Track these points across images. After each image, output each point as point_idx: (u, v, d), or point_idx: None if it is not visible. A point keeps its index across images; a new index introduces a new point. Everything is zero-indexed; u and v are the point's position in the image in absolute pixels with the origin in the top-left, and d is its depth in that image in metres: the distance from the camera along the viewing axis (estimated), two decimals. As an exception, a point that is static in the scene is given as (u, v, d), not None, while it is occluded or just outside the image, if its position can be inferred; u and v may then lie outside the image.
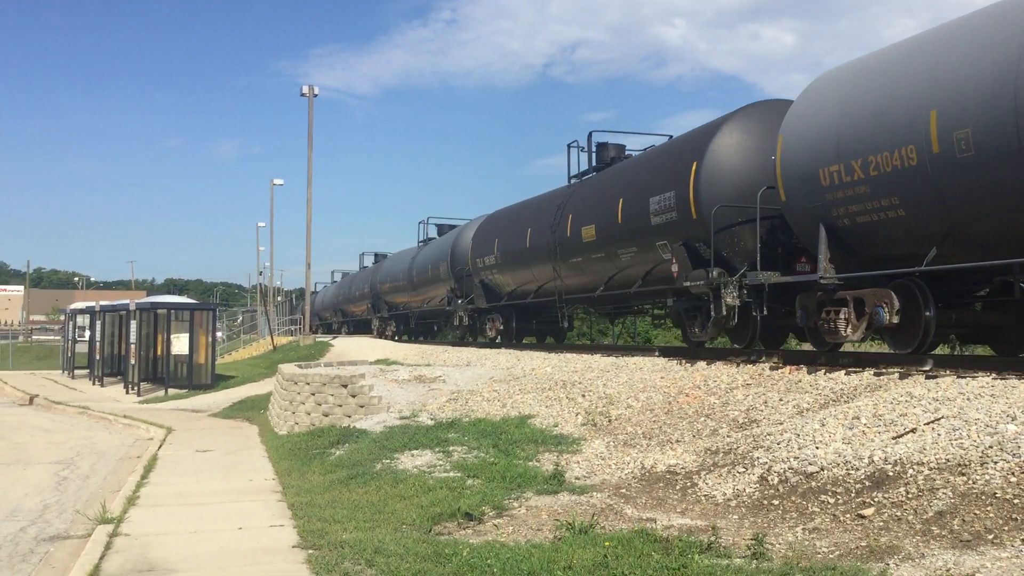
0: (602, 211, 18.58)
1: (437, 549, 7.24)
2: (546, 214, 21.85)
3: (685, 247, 15.32)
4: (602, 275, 18.94)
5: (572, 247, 19.98)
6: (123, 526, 8.94)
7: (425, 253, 33.81)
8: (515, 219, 24.65)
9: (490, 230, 26.34)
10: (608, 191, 18.79)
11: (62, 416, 24.35)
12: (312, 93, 41.22)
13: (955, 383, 9.50)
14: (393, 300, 39.04)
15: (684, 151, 15.83)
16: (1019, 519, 6.33)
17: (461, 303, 27.98)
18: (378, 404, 15.74)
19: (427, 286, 32.51)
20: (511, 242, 23.98)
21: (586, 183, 21.06)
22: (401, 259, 38.19)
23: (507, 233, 24.60)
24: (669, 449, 10.65)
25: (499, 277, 25.03)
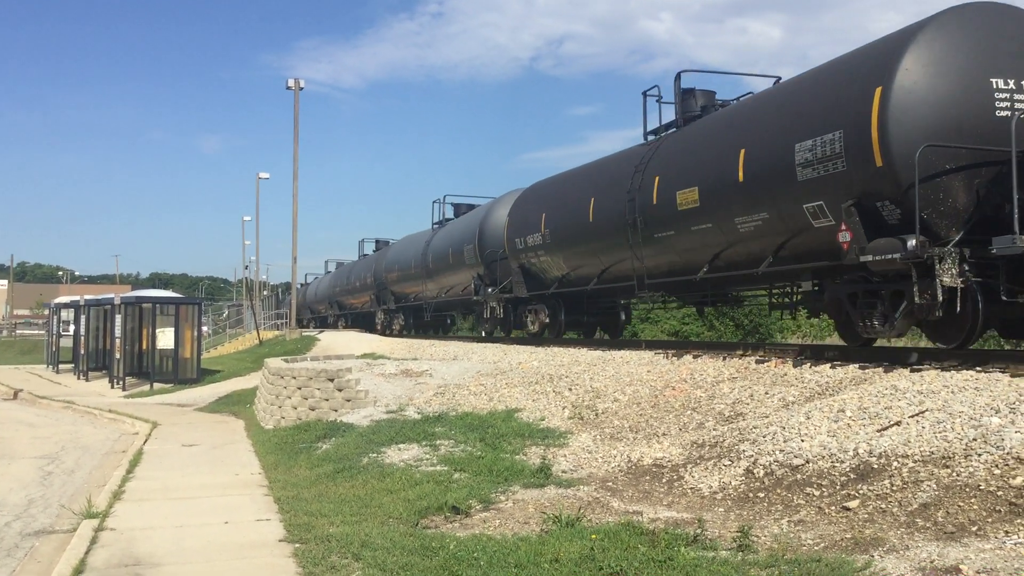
0: (709, 168, 14.29)
1: (424, 543, 7.24)
2: (618, 179, 17.46)
3: (858, 208, 11.33)
4: (705, 252, 14.87)
5: (660, 218, 15.63)
6: (108, 520, 8.92)
7: (443, 236, 29.65)
8: (570, 188, 20.38)
9: (534, 204, 22.05)
10: (717, 142, 14.48)
11: (47, 411, 24.24)
12: (298, 86, 41.02)
13: (939, 376, 9.56)
14: (402, 290, 34.57)
15: (857, 74, 11.56)
16: (1002, 511, 6.38)
17: (492, 292, 24.10)
18: (365, 398, 15.72)
19: (446, 273, 28.67)
20: (565, 216, 19.87)
21: (678, 136, 16.44)
22: (412, 244, 33.75)
23: (559, 206, 20.43)
24: (656, 442, 10.68)
25: (546, 260, 20.88)
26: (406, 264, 33.35)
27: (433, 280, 30.05)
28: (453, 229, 29.05)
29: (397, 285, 34.84)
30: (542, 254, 20.98)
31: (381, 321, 37.59)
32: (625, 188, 16.93)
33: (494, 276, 24.30)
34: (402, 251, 34.94)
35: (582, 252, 19.37)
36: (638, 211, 16.34)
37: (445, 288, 29.31)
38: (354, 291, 43.81)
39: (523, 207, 22.62)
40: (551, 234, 20.40)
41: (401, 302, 35.01)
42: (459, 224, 28.96)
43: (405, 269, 33.34)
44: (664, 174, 15.82)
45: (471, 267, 26.06)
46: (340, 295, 47.55)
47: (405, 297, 34.40)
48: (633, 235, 16.65)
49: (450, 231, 29.27)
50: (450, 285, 28.69)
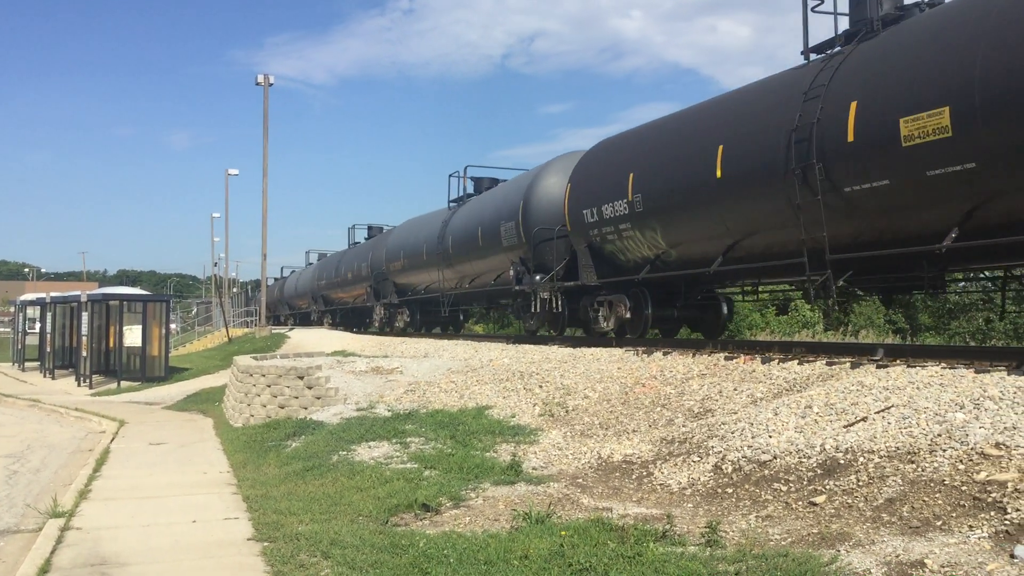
0: (969, 76, 9.89)
1: (394, 540, 7.23)
2: (768, 115, 13.14)
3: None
4: (953, 206, 10.50)
5: (861, 160, 11.28)
6: (75, 520, 8.83)
7: (468, 214, 25.15)
8: (676, 137, 15.50)
9: (614, 163, 17.23)
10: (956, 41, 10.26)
11: (12, 409, 23.93)
12: (267, 82, 40.79)
13: (905, 372, 9.66)
14: (408, 281, 30.26)
15: None
16: (967, 506, 6.46)
17: (542, 280, 19.66)
18: (335, 396, 15.66)
19: (472, 258, 24.24)
20: (669, 175, 15.08)
21: (879, 43, 11.86)
22: (422, 227, 29.29)
23: (658, 162, 15.63)
24: (625, 439, 10.72)
25: (632, 236, 16.34)
26: (414, 250, 28.91)
27: (452, 268, 25.74)
28: (482, 205, 24.28)
29: (402, 275, 30.58)
30: (627, 228, 16.43)
31: (380, 317, 33.32)
32: (784, 125, 12.50)
33: (542, 260, 20.02)
34: (409, 235, 30.33)
35: (696, 221, 14.59)
36: (816, 154, 11.80)
37: (469, 277, 24.99)
38: (344, 284, 39.46)
39: (593, 169, 18.08)
40: (643, 200, 15.72)
41: (406, 295, 30.84)
42: (491, 199, 24.12)
43: (413, 256, 28.93)
44: (869, 94, 11.26)
45: (510, 250, 21.48)
46: (327, 288, 43.08)
47: (411, 289, 30.14)
48: (804, 190, 12.06)
49: (478, 208, 24.51)
50: (476, 273, 24.38)
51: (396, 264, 30.92)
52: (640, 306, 16.72)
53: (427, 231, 28.23)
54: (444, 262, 26.21)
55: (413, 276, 29.59)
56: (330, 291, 42.44)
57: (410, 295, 30.46)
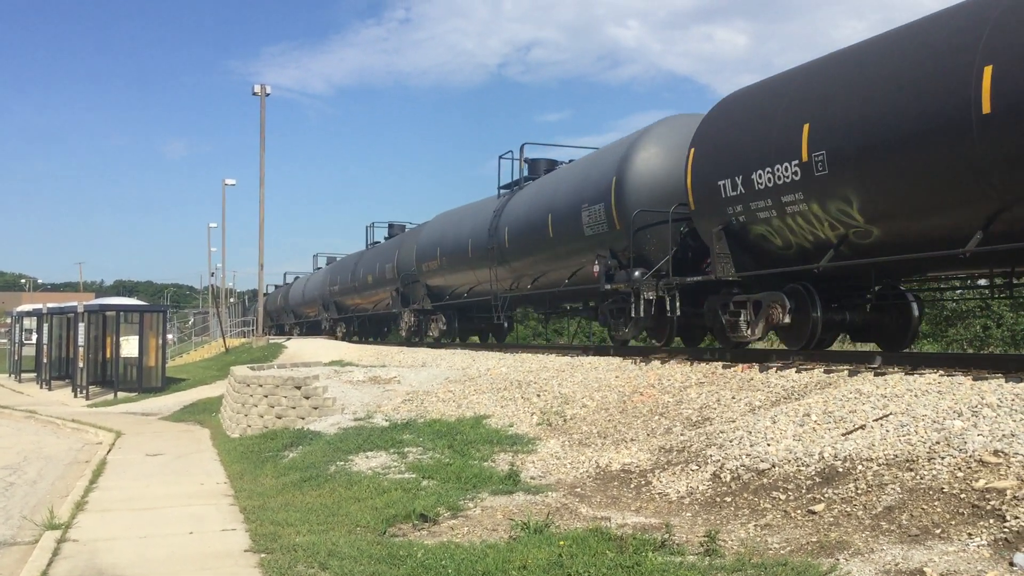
0: None
1: (392, 551, 7.21)
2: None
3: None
4: None
5: None
6: (71, 532, 8.79)
7: (532, 199, 20.67)
8: (894, 64, 10.95)
9: (775, 109, 12.71)
10: None
11: (8, 420, 23.87)
12: (264, 92, 40.85)
13: (903, 380, 9.66)
14: (445, 284, 26.35)
15: None
16: (966, 513, 6.45)
17: (644, 276, 15.51)
18: (332, 406, 15.64)
19: (538, 253, 20.05)
20: (871, 117, 10.93)
21: None
22: (465, 219, 25.05)
23: (854, 100, 11.28)
24: (624, 448, 10.70)
25: (805, 211, 12.02)
26: (455, 247, 24.92)
27: (508, 265, 21.62)
28: (553, 187, 19.84)
29: (437, 276, 26.64)
30: (794, 200, 12.10)
31: (408, 325, 29.26)
32: None
33: (643, 251, 15.93)
34: (447, 230, 26.27)
35: (931, 180, 10.33)
36: None
37: (531, 276, 20.90)
38: (363, 288, 35.38)
39: (733, 127, 13.62)
40: (829, 160, 11.44)
41: (442, 299, 26.83)
42: (565, 179, 19.60)
43: (454, 254, 24.97)
44: None
45: (596, 240, 17.30)
46: (341, 294, 39.07)
47: (450, 292, 26.27)
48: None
49: (546, 190, 20.17)
50: (542, 271, 20.30)
51: (430, 264, 26.73)
52: (803, 308, 12.57)
53: (472, 224, 24.09)
54: (497, 259, 21.94)
55: (453, 277, 25.58)
56: (345, 297, 38.44)
57: (448, 299, 26.44)
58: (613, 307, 17.25)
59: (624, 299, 16.52)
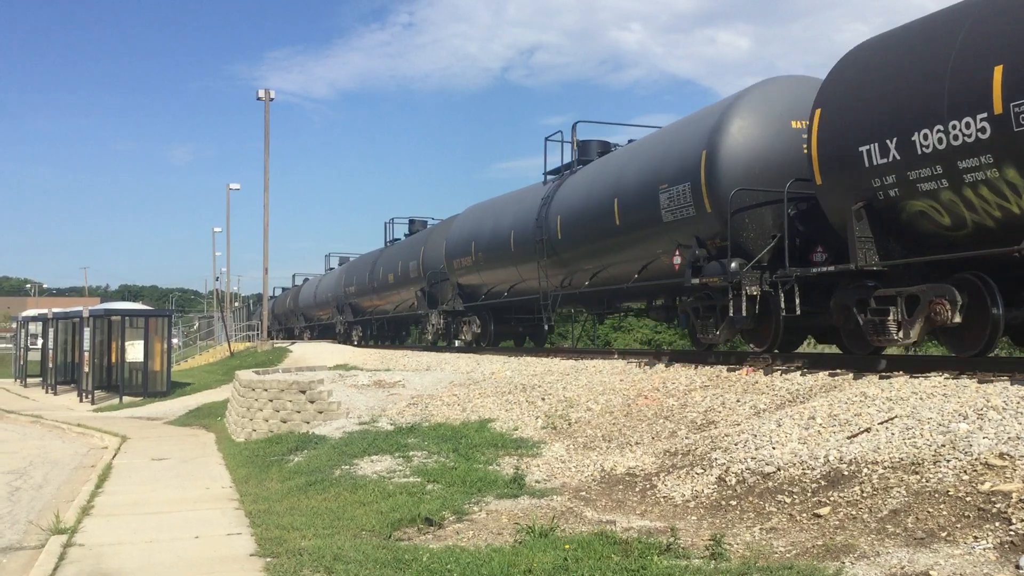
0: None
1: (397, 555, 7.21)
2: None
3: None
4: None
5: None
6: (77, 536, 8.80)
7: (590, 183, 18.20)
8: None
9: (937, 55, 10.35)
10: None
11: (14, 425, 23.91)
12: (268, 97, 40.90)
13: (908, 383, 9.64)
14: (481, 282, 23.86)
15: None
16: (971, 516, 6.44)
17: (744, 268, 13.20)
18: (337, 410, 15.65)
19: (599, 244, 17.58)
20: None
21: None
22: (506, 210, 22.61)
23: None
24: (628, 451, 10.70)
25: (995, 179, 9.67)
26: (494, 241, 22.50)
27: (559, 259, 19.30)
28: (618, 168, 17.30)
29: (471, 274, 24.21)
30: (979, 166, 9.79)
31: (436, 328, 27.09)
32: None
33: (740, 238, 13.31)
34: (483, 222, 23.70)
35: None
36: None
37: (590, 271, 18.37)
38: (383, 288, 32.89)
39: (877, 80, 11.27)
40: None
41: (477, 299, 24.44)
42: (634, 157, 16.93)
43: (492, 248, 22.59)
44: None
45: (677, 227, 14.74)
46: (357, 296, 36.56)
47: (487, 291, 23.87)
48: None
49: (610, 172, 17.63)
50: (604, 264, 17.81)
51: (463, 260, 24.34)
52: (979, 303, 10.28)
53: (514, 214, 21.72)
54: (546, 252, 19.52)
55: (490, 274, 23.13)
56: (362, 298, 35.98)
57: (483, 299, 24.02)
58: (699, 305, 14.92)
59: (714, 296, 14.31)
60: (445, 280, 26.42)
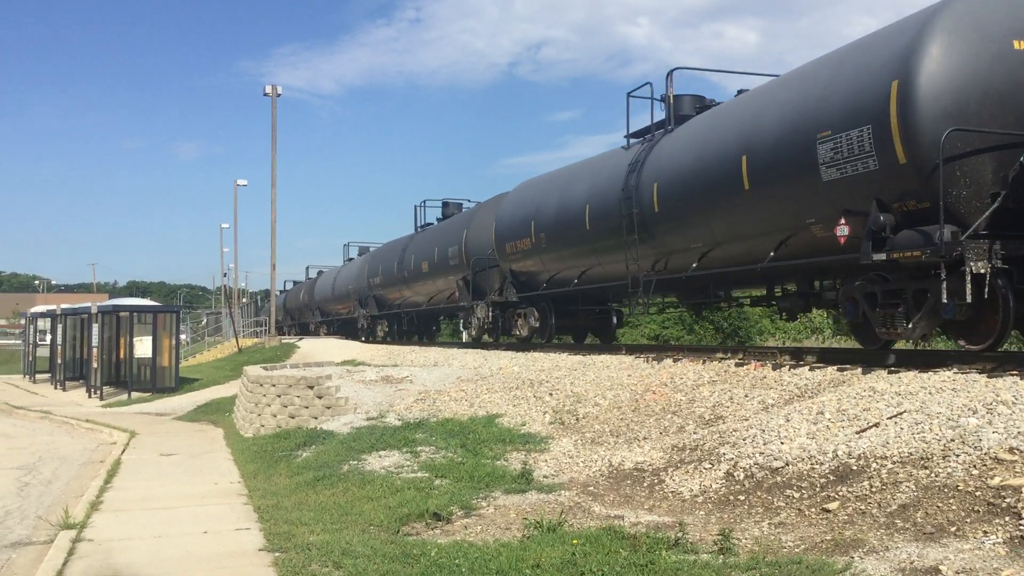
0: None
1: (405, 550, 7.22)
2: None
3: None
4: None
5: None
6: (86, 531, 8.83)
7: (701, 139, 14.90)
8: None
9: None
10: None
11: (23, 421, 23.99)
12: (275, 93, 40.90)
13: (917, 377, 9.62)
14: (539, 269, 20.64)
15: None
16: (981, 511, 6.42)
17: (966, 240, 10.01)
18: (345, 405, 15.66)
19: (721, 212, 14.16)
20: None
21: None
22: (579, 178, 19.24)
23: None
24: (636, 446, 10.69)
25: None
26: (561, 218, 19.21)
27: (654, 238, 15.96)
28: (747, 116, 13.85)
29: (529, 260, 20.89)
30: None
31: (481, 322, 23.55)
32: None
33: (947, 201, 10.16)
34: (547, 197, 20.29)
35: None
36: None
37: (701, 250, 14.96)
38: (415, 279, 29.51)
39: None
40: None
41: (537, 287, 20.96)
42: (763, 104, 13.67)
43: (559, 227, 19.24)
44: None
45: (847, 185, 11.45)
46: (384, 287, 33.28)
47: (549, 279, 20.39)
48: None
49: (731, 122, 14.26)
50: (721, 241, 14.45)
51: (519, 244, 21.10)
52: None
53: (589, 187, 18.38)
54: (636, 230, 16.07)
55: (555, 259, 19.88)
56: (388, 290, 32.79)
57: (544, 288, 20.62)
58: (875, 290, 11.61)
59: (907, 278, 11.12)
60: (493, 267, 23.34)
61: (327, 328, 43.84)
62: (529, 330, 21.68)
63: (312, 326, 46.83)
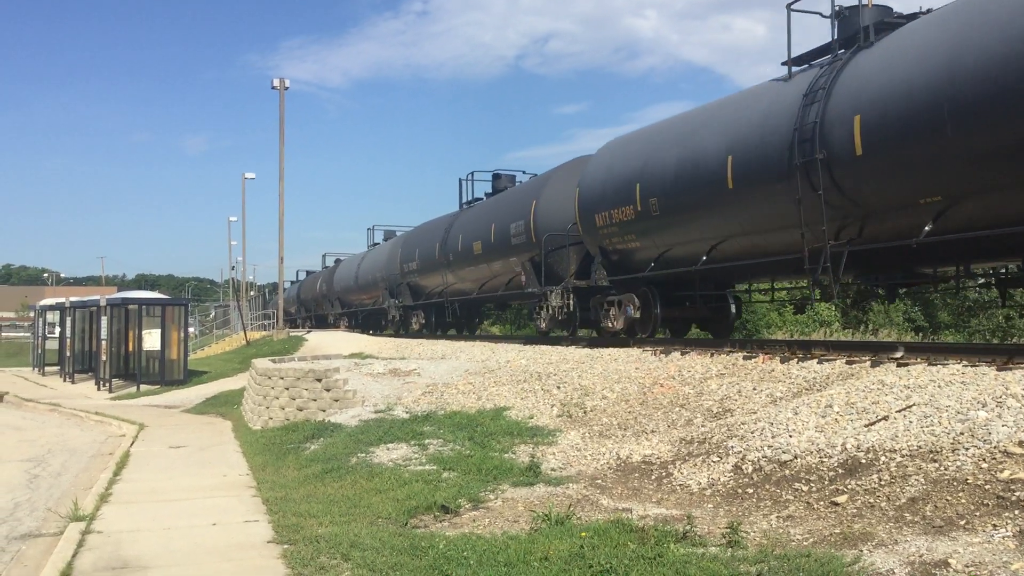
0: None
1: (413, 542, 7.22)
2: None
3: None
4: None
5: None
6: (96, 523, 8.86)
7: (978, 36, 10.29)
8: None
9: None
10: None
11: (33, 413, 24.09)
12: (283, 86, 40.89)
13: (926, 371, 9.59)
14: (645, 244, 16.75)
15: None
16: (990, 505, 6.40)
17: None
18: (353, 398, 15.68)
19: None
20: None
21: None
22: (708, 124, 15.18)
23: None
24: (644, 439, 10.68)
25: None
26: (687, 175, 15.16)
27: (854, 199, 12.02)
28: None
29: (633, 234, 16.90)
30: None
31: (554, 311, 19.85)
32: None
33: None
34: (658, 148, 16.36)
35: None
36: None
37: (941, 206, 10.93)
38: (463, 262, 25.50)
39: None
40: None
41: (634, 269, 17.26)
42: None
43: (688, 188, 15.13)
44: None
45: None
46: (421, 274, 29.58)
47: (658, 256, 16.51)
48: None
49: None
50: (993, 184, 10.40)
51: (614, 215, 17.15)
52: None
53: (731, 131, 14.26)
54: (821, 182, 12.00)
55: (671, 229, 15.90)
56: (427, 276, 29.11)
57: (652, 269, 16.56)
58: None
59: None
60: (573, 244, 19.61)
61: (348, 321, 40.26)
62: (626, 322, 17.45)
63: (331, 318, 43.34)
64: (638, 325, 17.19)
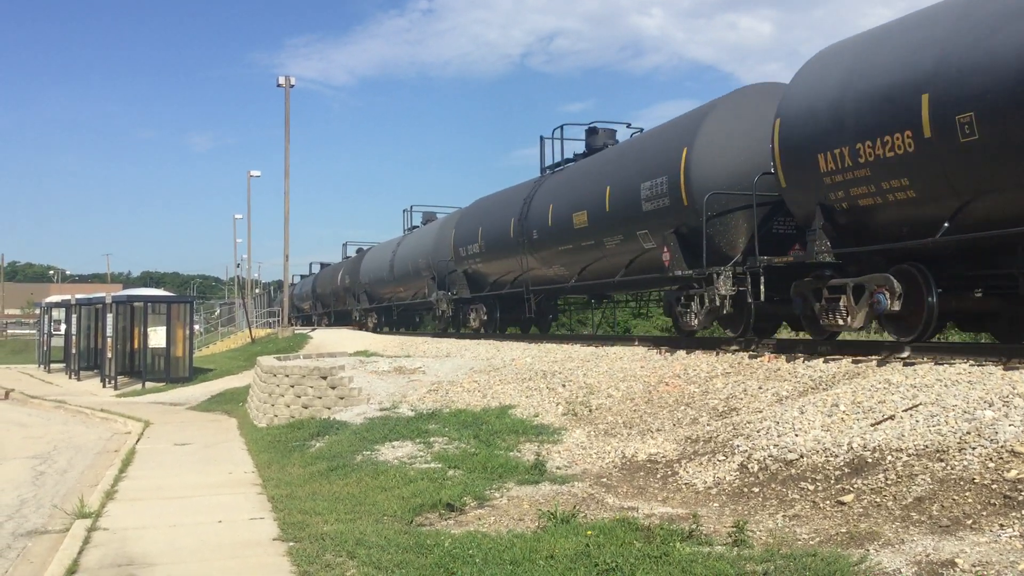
0: None
1: (419, 540, 7.22)
2: None
3: None
4: None
5: None
6: (101, 520, 8.87)
7: None
8: None
9: None
10: None
11: (38, 410, 24.15)
12: (289, 84, 40.89)
13: (933, 370, 9.57)
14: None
15: None
16: (997, 504, 6.38)
17: None
18: (358, 396, 15.68)
19: None
20: None
21: None
22: None
23: None
24: (650, 438, 10.67)
25: None
26: None
27: None
28: None
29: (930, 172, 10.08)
30: None
31: (721, 299, 13.81)
32: None
33: None
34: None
35: None
36: None
37: None
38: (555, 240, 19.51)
39: None
40: None
41: (896, 231, 11.03)
42: None
43: None
44: None
45: None
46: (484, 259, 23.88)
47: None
48: None
49: None
50: None
51: (870, 149, 10.72)
52: None
53: None
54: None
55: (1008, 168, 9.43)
56: (491, 263, 23.52)
57: (946, 233, 10.22)
58: None
59: None
60: (763, 204, 13.52)
61: (378, 317, 34.67)
62: (871, 317, 11.56)
63: (356, 314, 37.07)
64: (893, 322, 11.52)
